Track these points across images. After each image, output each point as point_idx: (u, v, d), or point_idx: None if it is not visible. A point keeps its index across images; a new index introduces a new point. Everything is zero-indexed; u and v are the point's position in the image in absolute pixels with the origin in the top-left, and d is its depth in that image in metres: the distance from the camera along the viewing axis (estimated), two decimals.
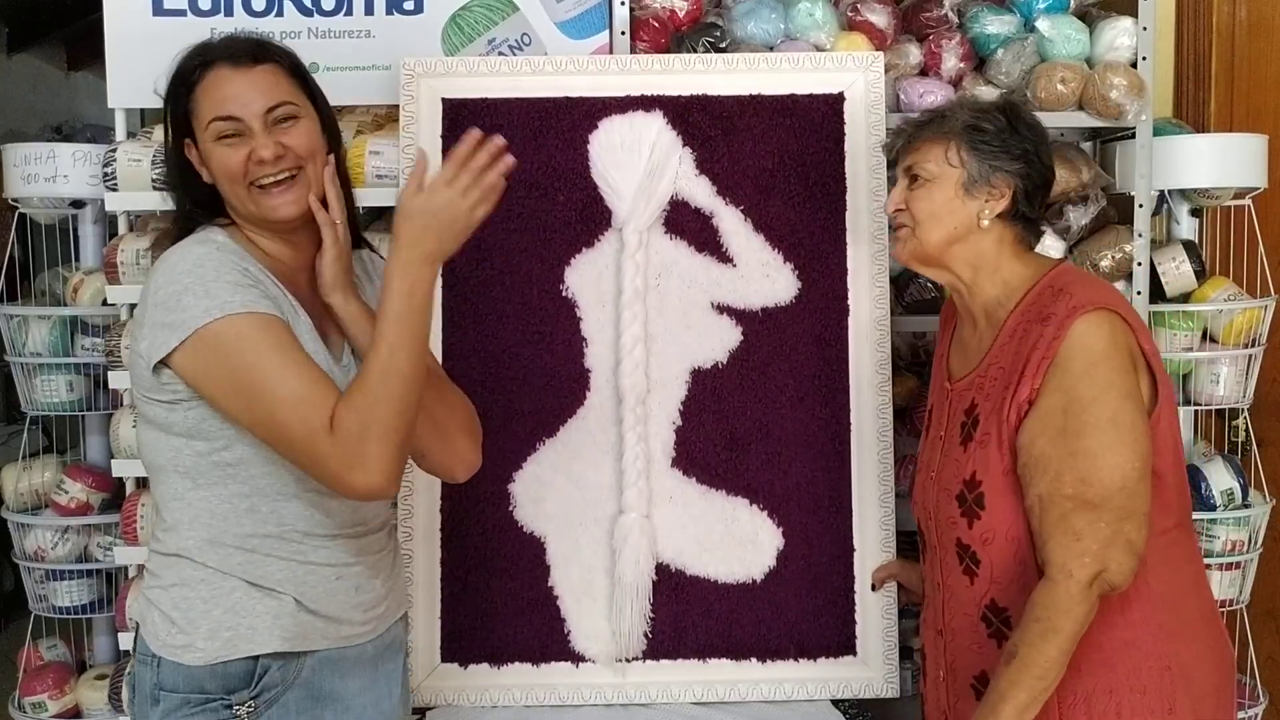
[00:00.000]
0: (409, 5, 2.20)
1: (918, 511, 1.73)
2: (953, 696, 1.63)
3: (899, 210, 1.65)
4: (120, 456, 2.20)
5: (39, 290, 2.46)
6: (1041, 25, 2.14)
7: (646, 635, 1.98)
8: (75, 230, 2.42)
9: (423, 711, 1.96)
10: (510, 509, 2.00)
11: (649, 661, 1.99)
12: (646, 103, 2.04)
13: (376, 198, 2.08)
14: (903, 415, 2.16)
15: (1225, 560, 2.28)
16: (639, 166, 2.01)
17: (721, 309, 2.03)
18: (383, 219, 2.15)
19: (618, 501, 1.99)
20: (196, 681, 1.39)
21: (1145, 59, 2.15)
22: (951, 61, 2.15)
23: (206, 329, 1.33)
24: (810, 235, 2.04)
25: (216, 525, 1.41)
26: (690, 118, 2.04)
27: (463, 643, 1.99)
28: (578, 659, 1.99)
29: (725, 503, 2.01)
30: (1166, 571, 1.51)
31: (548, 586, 2.00)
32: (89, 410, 2.38)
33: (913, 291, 2.18)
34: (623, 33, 2.15)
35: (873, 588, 2.00)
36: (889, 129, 1.89)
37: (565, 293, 2.02)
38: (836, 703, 1.98)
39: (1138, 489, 1.44)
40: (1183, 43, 2.70)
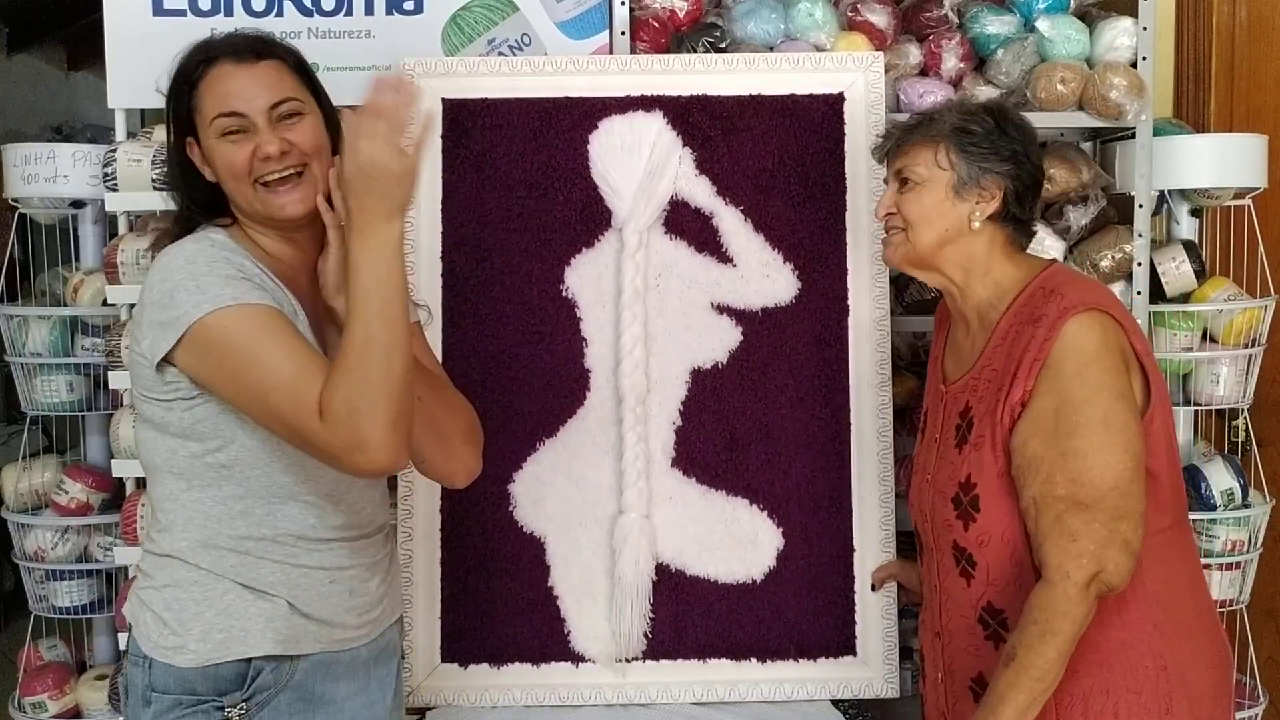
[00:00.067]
0: (409, 5, 2.20)
1: (914, 514, 1.73)
2: (951, 698, 1.63)
3: (890, 214, 1.65)
4: (120, 457, 2.20)
5: (39, 290, 2.46)
6: (1041, 25, 2.14)
7: (646, 635, 1.98)
8: (75, 230, 2.42)
9: (423, 711, 1.96)
10: (510, 509, 2.00)
11: (649, 662, 1.99)
12: (646, 103, 2.04)
13: None
14: (903, 415, 2.16)
15: (1225, 560, 2.28)
16: (639, 166, 2.01)
17: (721, 309, 2.03)
18: None
19: (618, 501, 1.99)
20: (188, 683, 1.38)
21: (1145, 59, 2.15)
22: (951, 62, 2.15)
23: (199, 323, 1.32)
24: (810, 235, 2.04)
25: (210, 527, 1.41)
26: (690, 118, 2.04)
27: (463, 643, 1.99)
28: (578, 659, 1.99)
29: (725, 503, 2.01)
30: (1163, 571, 1.51)
31: (548, 586, 2.00)
32: (89, 410, 2.38)
33: (913, 291, 2.18)
34: (623, 33, 2.15)
35: (873, 588, 2.00)
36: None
37: (565, 293, 2.02)
38: (836, 703, 1.98)
39: (1131, 489, 1.44)
40: (1183, 43, 2.70)
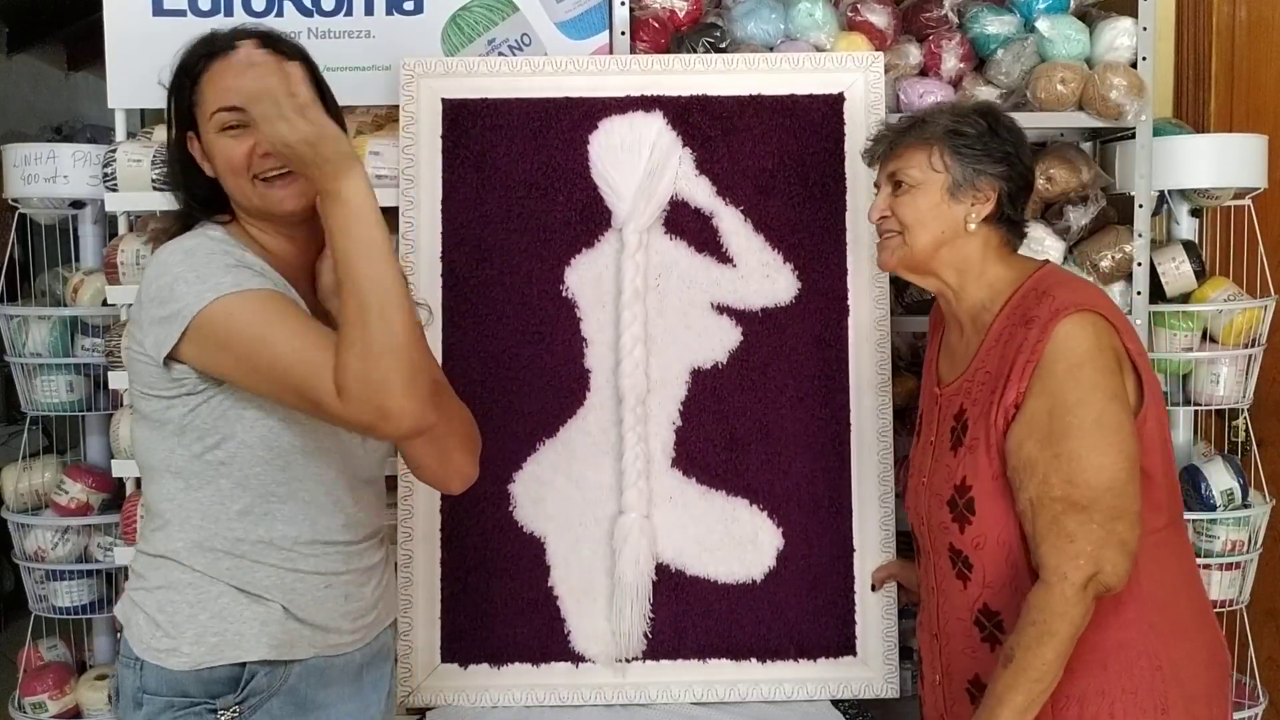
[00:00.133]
0: (409, 5, 2.20)
1: (910, 517, 1.73)
2: (949, 699, 1.63)
3: (884, 217, 1.65)
4: (120, 457, 2.20)
5: (39, 290, 2.46)
6: (1041, 25, 2.14)
7: (646, 635, 1.98)
8: (75, 230, 2.42)
9: (423, 711, 1.96)
10: (510, 509, 2.00)
11: (649, 662, 1.99)
12: (646, 103, 2.04)
13: (377, 198, 2.07)
14: (903, 415, 2.15)
15: (1225, 560, 2.27)
16: (639, 167, 2.01)
17: (721, 309, 2.03)
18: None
19: (618, 501, 1.99)
20: (180, 685, 1.37)
21: (1145, 59, 2.15)
22: (951, 62, 2.15)
23: (204, 312, 1.30)
24: (810, 235, 2.04)
25: (207, 528, 1.39)
26: (690, 118, 2.04)
27: (463, 643, 1.99)
28: (578, 659, 1.99)
29: (725, 503, 2.01)
30: (1158, 571, 1.51)
31: (548, 587, 2.00)
32: (89, 410, 2.38)
33: (912, 292, 2.18)
34: (623, 33, 2.15)
35: (873, 588, 2.00)
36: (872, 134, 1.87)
37: (565, 293, 2.02)
38: (836, 703, 1.98)
39: (1126, 489, 1.44)
40: (1183, 43, 2.70)
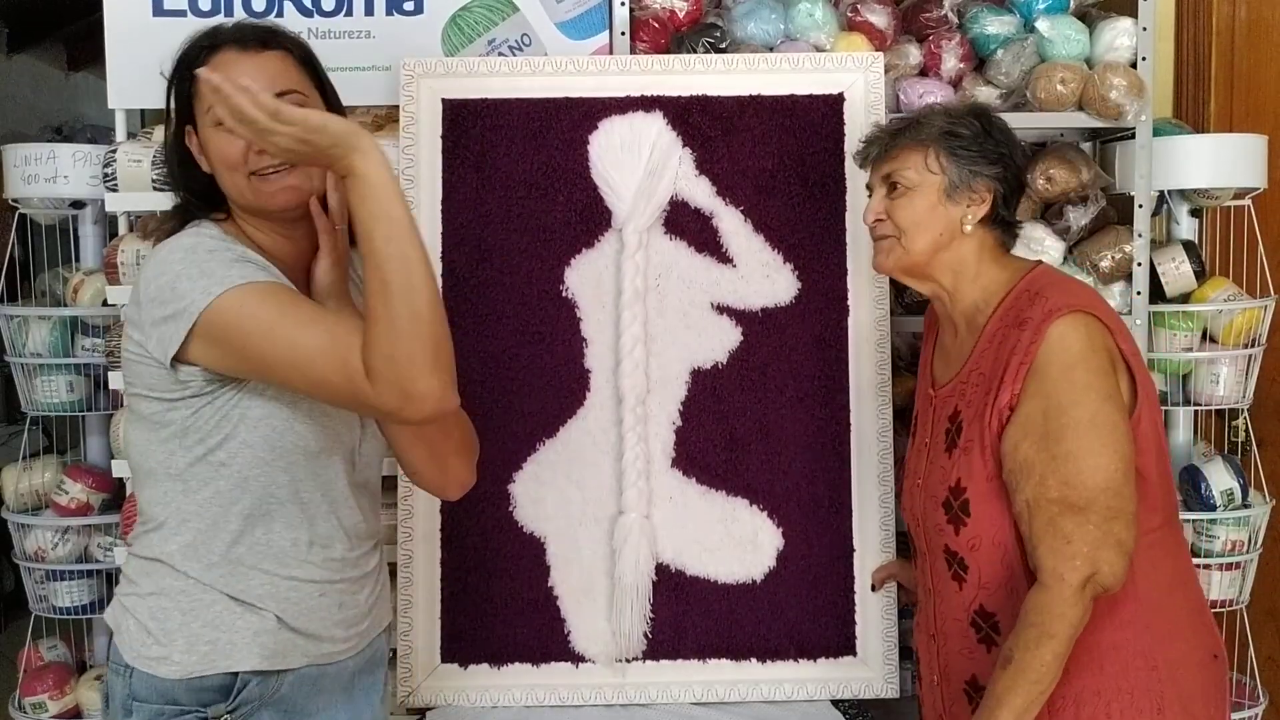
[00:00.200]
0: (409, 5, 2.20)
1: (906, 518, 1.73)
2: (947, 700, 1.63)
3: (879, 220, 1.64)
4: (120, 457, 2.20)
5: (39, 291, 2.46)
6: (1041, 25, 2.14)
7: (646, 635, 1.98)
8: (75, 230, 2.42)
9: (423, 711, 1.96)
10: (510, 509, 2.00)
11: (649, 662, 1.99)
12: (646, 103, 2.04)
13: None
14: (903, 415, 2.15)
15: (1225, 560, 2.27)
16: (639, 167, 2.01)
17: (721, 309, 2.03)
18: None
19: (618, 502, 1.99)
20: (170, 693, 1.35)
21: (1145, 59, 2.15)
22: (951, 62, 2.15)
23: (212, 308, 1.27)
24: (810, 235, 2.04)
25: (203, 531, 1.37)
26: (690, 118, 2.03)
27: (463, 643, 1.99)
28: (578, 659, 1.99)
29: (725, 503, 2.01)
30: (1153, 572, 1.51)
31: (548, 587, 2.00)
32: (89, 411, 2.38)
33: (912, 292, 2.16)
34: (623, 33, 2.15)
35: (873, 588, 2.00)
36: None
37: (565, 293, 2.02)
38: (836, 703, 1.98)
39: (1123, 489, 1.44)
40: (1183, 43, 2.70)
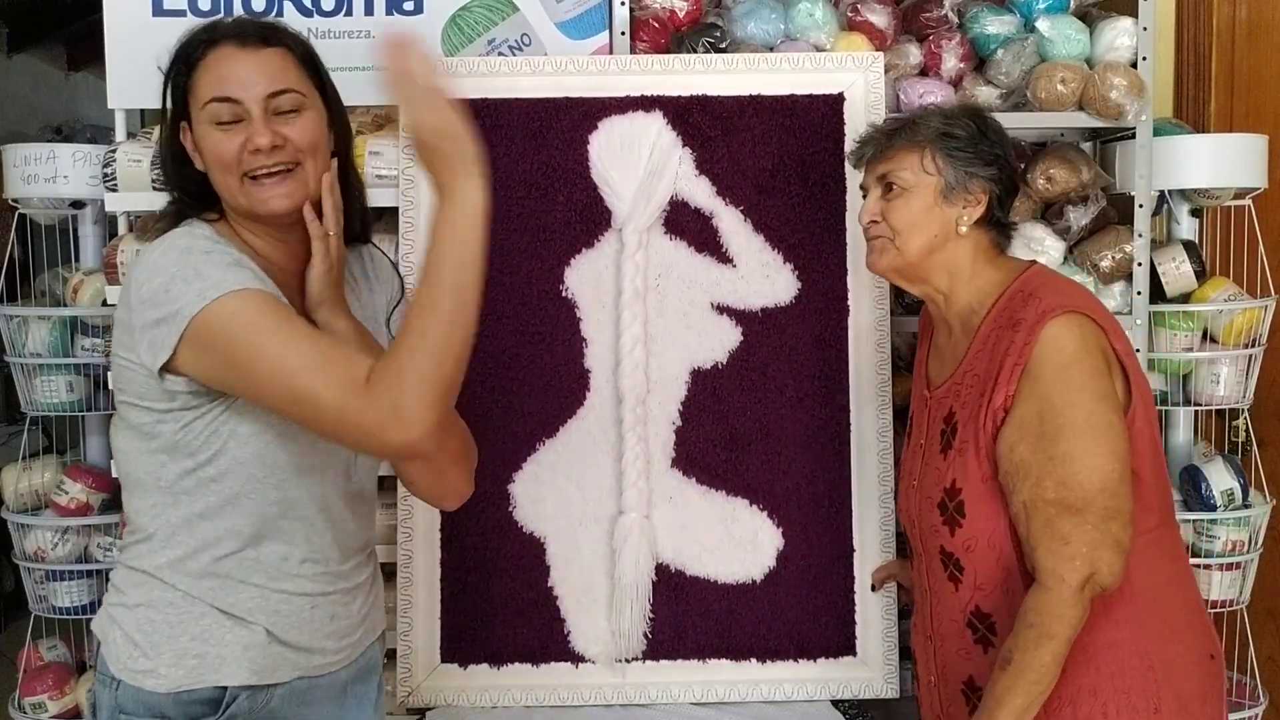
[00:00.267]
0: (409, 5, 2.20)
1: (902, 519, 1.73)
2: (945, 701, 1.63)
3: (874, 221, 1.63)
4: None
5: (39, 291, 2.46)
6: (1041, 25, 2.14)
7: (646, 635, 1.98)
8: (75, 230, 2.42)
9: (423, 712, 1.96)
10: (510, 509, 2.00)
11: (649, 662, 1.99)
12: (646, 103, 2.04)
13: (377, 198, 2.07)
14: (903, 415, 2.14)
15: (1225, 560, 2.27)
16: (639, 167, 2.01)
17: (721, 309, 2.03)
18: (382, 219, 2.15)
19: (618, 502, 1.99)
20: (157, 707, 1.32)
21: (1145, 59, 2.15)
22: (951, 62, 2.15)
23: (205, 312, 1.23)
24: (810, 235, 2.04)
25: (192, 545, 1.34)
26: (690, 118, 2.03)
27: (463, 643, 1.99)
28: (578, 659, 1.99)
29: (725, 503, 2.01)
30: (1149, 571, 1.51)
31: (547, 587, 2.00)
32: (89, 411, 2.37)
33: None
34: (623, 33, 2.15)
35: (872, 588, 2.00)
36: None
37: (565, 293, 2.02)
38: (836, 703, 1.98)
39: (1119, 489, 1.44)
40: (1183, 43, 2.70)
